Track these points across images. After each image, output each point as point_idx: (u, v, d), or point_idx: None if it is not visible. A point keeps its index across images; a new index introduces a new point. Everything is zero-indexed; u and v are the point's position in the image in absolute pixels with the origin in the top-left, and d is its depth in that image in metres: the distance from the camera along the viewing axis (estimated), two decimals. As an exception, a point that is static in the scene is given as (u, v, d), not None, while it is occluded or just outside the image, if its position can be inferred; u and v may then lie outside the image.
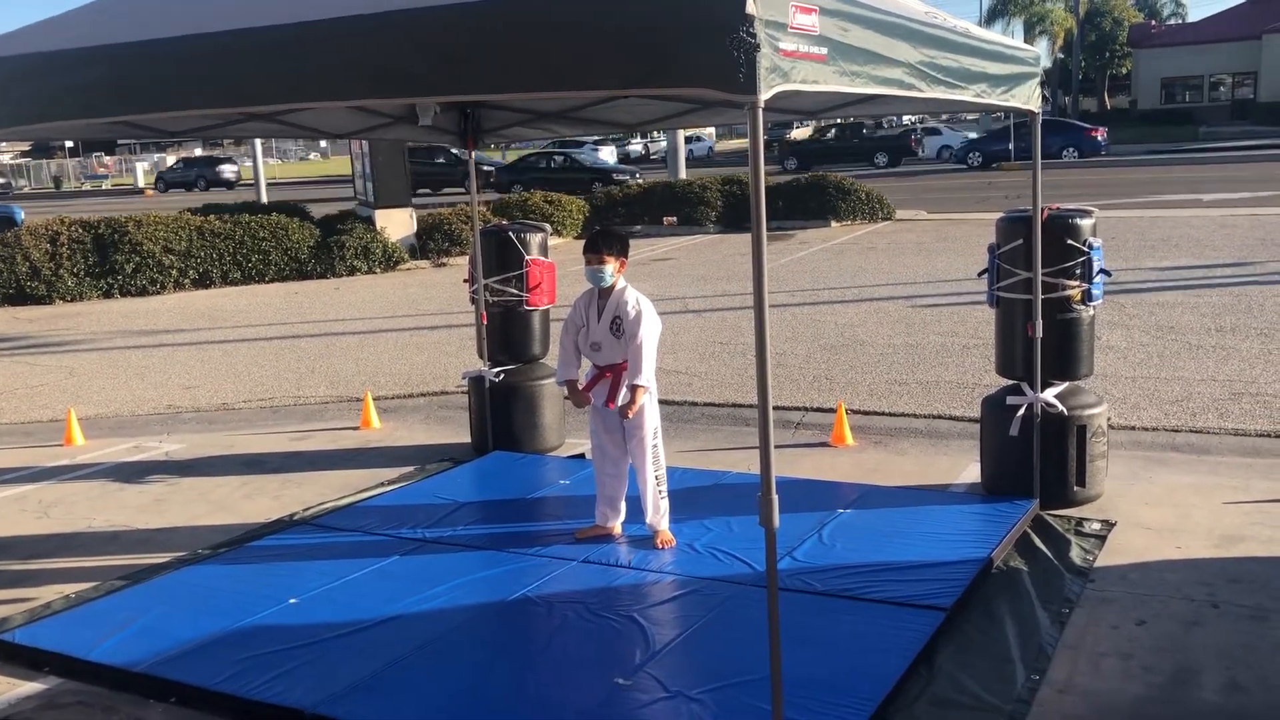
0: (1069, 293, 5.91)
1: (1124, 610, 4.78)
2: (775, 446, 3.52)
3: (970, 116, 50.04)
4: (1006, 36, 5.89)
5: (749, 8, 3.04)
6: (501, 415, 7.57)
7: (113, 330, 14.52)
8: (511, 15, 3.39)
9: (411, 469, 7.44)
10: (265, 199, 26.23)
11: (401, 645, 4.64)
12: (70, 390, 10.74)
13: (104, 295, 17.70)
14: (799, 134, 50.51)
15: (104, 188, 64.81)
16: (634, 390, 5.36)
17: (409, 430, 8.58)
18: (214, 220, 18.77)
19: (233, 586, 5.40)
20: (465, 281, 8.04)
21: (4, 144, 67.37)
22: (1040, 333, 5.90)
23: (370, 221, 19.81)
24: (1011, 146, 35.63)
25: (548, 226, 8.00)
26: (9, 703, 4.43)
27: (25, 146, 75.27)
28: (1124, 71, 65.84)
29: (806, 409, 8.41)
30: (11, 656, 4.80)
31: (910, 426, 7.88)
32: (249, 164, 37.49)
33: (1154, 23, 65.85)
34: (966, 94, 4.68)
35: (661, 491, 5.64)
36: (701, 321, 12.50)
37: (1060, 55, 63.84)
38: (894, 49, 3.92)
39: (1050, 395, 5.95)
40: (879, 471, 6.91)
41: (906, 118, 48.43)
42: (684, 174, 25.64)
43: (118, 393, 10.53)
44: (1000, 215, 6.26)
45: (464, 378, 7.93)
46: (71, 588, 5.54)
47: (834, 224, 21.88)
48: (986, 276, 6.25)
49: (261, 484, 7.33)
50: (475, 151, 7.61)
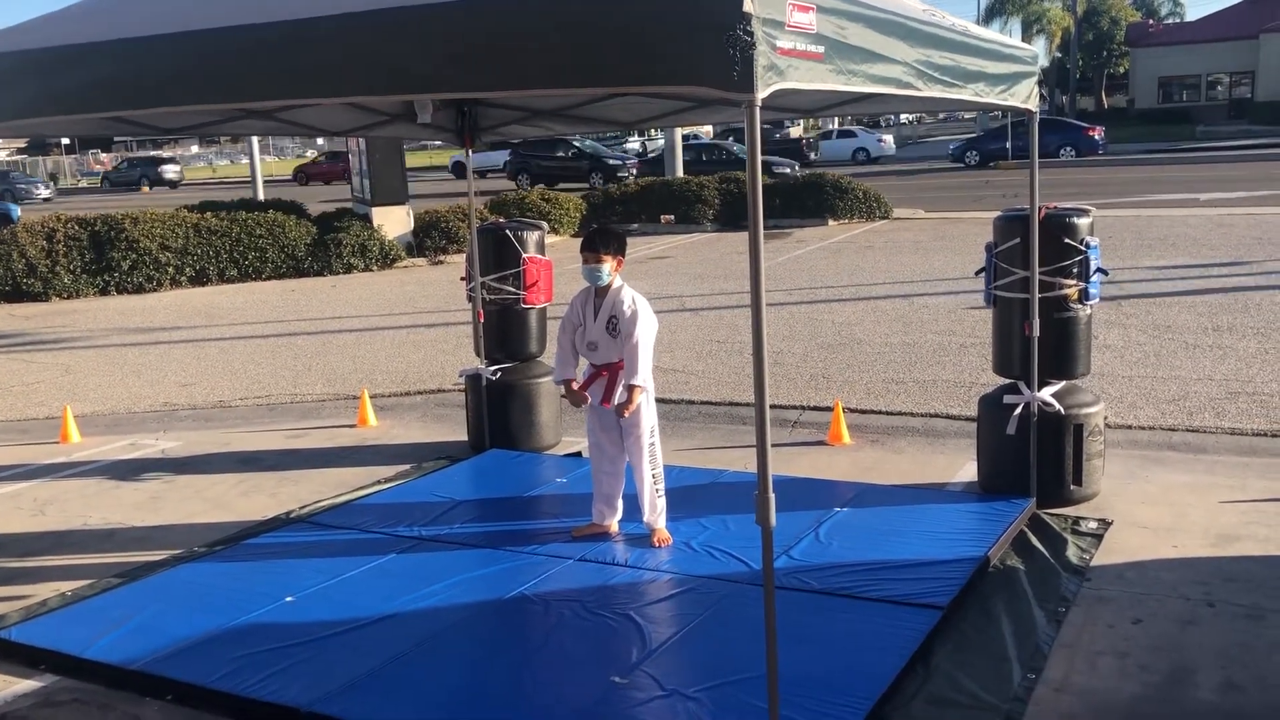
0: (1066, 292, 5.91)
1: (1120, 609, 4.78)
2: (772, 445, 3.52)
3: (968, 115, 50.08)
4: (1004, 35, 5.89)
5: (746, 6, 3.04)
6: (498, 413, 7.57)
7: (109, 327, 14.50)
8: (510, 13, 3.39)
9: (408, 467, 7.43)
10: (262, 196, 26.20)
11: (398, 643, 4.64)
12: (66, 387, 10.73)
13: (100, 292, 17.68)
14: (794, 132, 50.43)
15: (82, 185, 65.03)
16: (630, 390, 5.36)
17: (406, 428, 8.57)
18: (210, 217, 18.76)
19: (229, 584, 5.40)
20: (462, 279, 8.04)
21: (0, 140, 67.28)
22: (1037, 331, 5.90)
23: (367, 219, 19.80)
24: (1009, 145, 35.65)
25: (545, 224, 7.99)
26: (5, 700, 4.43)
27: (21, 143, 75.16)
28: (1121, 71, 65.90)
29: (803, 408, 8.41)
30: (8, 654, 4.79)
31: (907, 425, 7.89)
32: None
33: (1152, 22, 65.93)
34: (964, 93, 4.68)
35: (659, 490, 5.64)
36: (698, 320, 12.50)
37: (1058, 54, 63.88)
38: (891, 48, 3.92)
39: (1047, 394, 5.95)
40: (876, 470, 6.91)
41: (794, 131, 49.05)
42: (680, 172, 25.68)
43: (114, 390, 10.52)
44: (998, 214, 6.27)
45: (461, 376, 7.93)
46: (67, 585, 5.54)
47: (831, 222, 21.89)
48: (984, 275, 6.26)
49: (258, 482, 7.32)
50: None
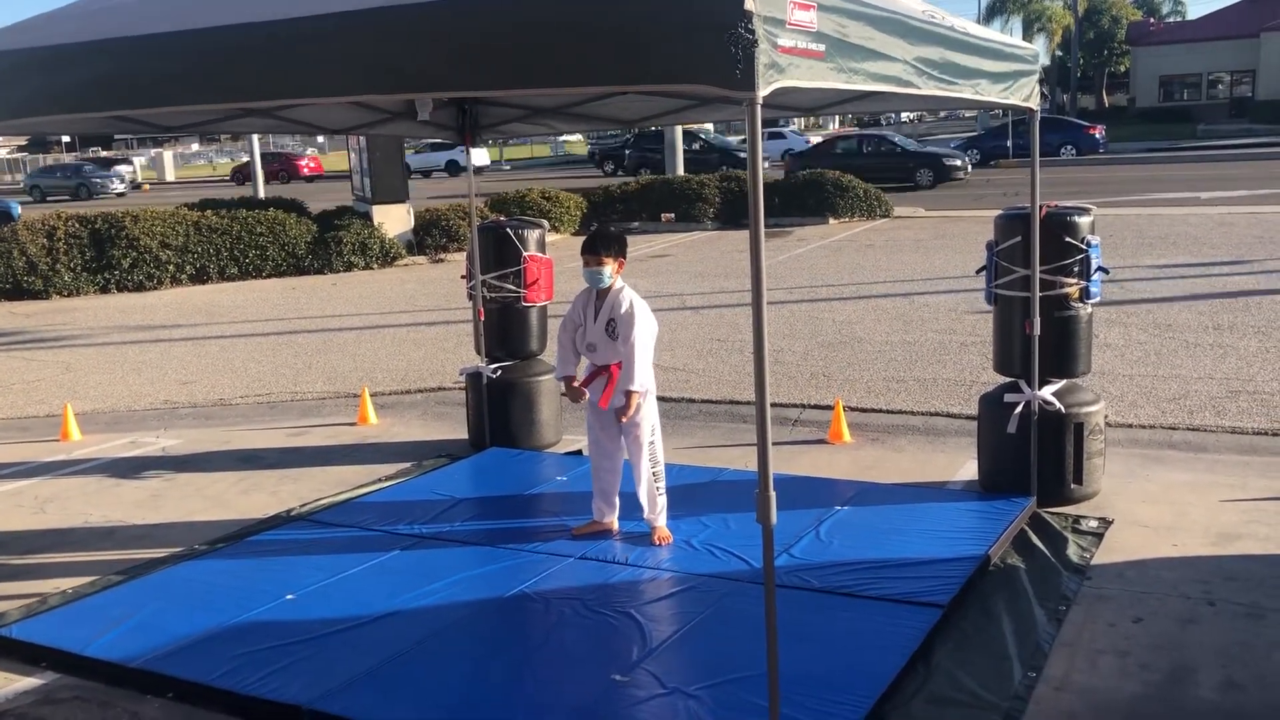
0: (1067, 290, 5.91)
1: (1121, 608, 4.78)
2: (773, 443, 3.52)
3: (969, 114, 50.04)
4: (1005, 34, 5.90)
5: (748, 4, 3.04)
6: (499, 411, 7.57)
7: (109, 325, 14.50)
8: (511, 12, 3.39)
9: (409, 465, 7.43)
10: (262, 194, 26.20)
11: (399, 641, 4.64)
12: (67, 385, 10.73)
13: (101, 290, 17.67)
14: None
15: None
16: (628, 396, 5.35)
17: (406, 426, 8.57)
18: (211, 215, 18.76)
19: (229, 582, 5.40)
20: (463, 278, 8.03)
21: (1, 138, 67.40)
22: (1038, 330, 5.90)
23: (368, 217, 19.79)
24: (1010, 144, 35.62)
25: (545, 223, 7.99)
26: (6, 698, 4.43)
27: (22, 141, 75.14)
28: (1122, 69, 65.86)
29: (804, 406, 8.41)
30: (8, 652, 4.79)
31: (908, 424, 7.88)
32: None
33: (1153, 20, 65.87)
34: (965, 91, 4.68)
35: (659, 488, 5.64)
36: (699, 318, 12.50)
37: (1059, 53, 63.84)
38: (892, 46, 3.92)
39: (1048, 393, 5.95)
40: (876, 469, 6.91)
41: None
42: (681, 170, 25.66)
43: (114, 388, 10.52)
44: (998, 213, 6.26)
45: (461, 374, 7.93)
46: (68, 583, 5.54)
47: (832, 221, 21.88)
48: (984, 274, 6.26)
49: (258, 480, 7.32)
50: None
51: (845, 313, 12.35)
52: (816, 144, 36.89)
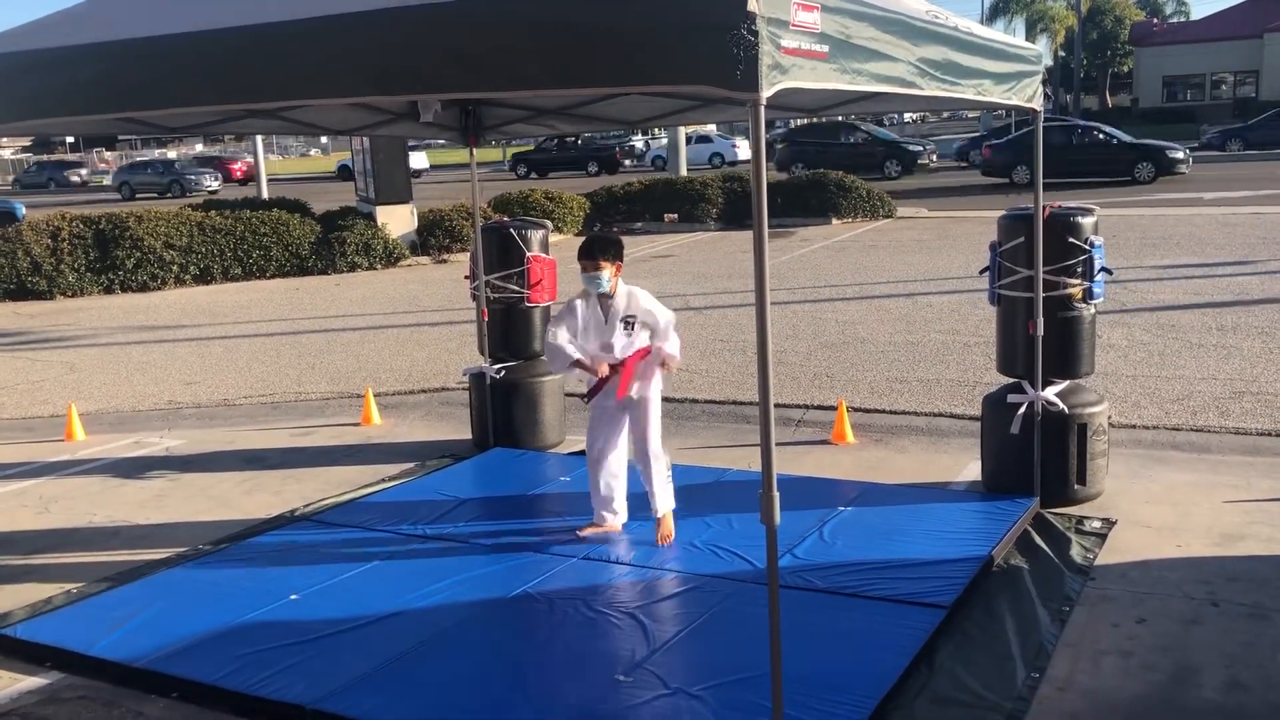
0: (1070, 291, 5.91)
1: (1124, 608, 4.78)
2: (776, 444, 3.52)
3: (971, 114, 50.00)
4: (1008, 35, 5.90)
5: (750, 5, 3.04)
6: (502, 412, 7.58)
7: (114, 326, 14.52)
8: (514, 13, 3.39)
9: (412, 465, 7.44)
10: (266, 194, 26.21)
11: (402, 641, 4.64)
12: (71, 385, 10.74)
13: (105, 291, 17.70)
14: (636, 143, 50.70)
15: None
16: (667, 359, 5.55)
17: (410, 426, 8.58)
18: (215, 216, 18.78)
19: (233, 582, 5.41)
20: (466, 278, 8.04)
21: (4, 139, 67.40)
22: (1041, 331, 5.90)
23: (371, 218, 19.81)
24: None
25: (548, 223, 8.00)
26: (10, 697, 4.44)
27: (26, 142, 75.25)
28: (1125, 70, 65.80)
29: (807, 407, 8.41)
30: (13, 652, 4.81)
31: (911, 424, 7.88)
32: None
33: (1156, 21, 65.82)
34: (968, 92, 4.68)
35: (667, 474, 5.71)
36: (702, 319, 12.50)
37: (1062, 53, 63.78)
38: (895, 47, 3.92)
39: (1051, 393, 5.95)
40: (880, 469, 6.92)
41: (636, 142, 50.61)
42: (684, 171, 25.66)
43: (119, 388, 10.53)
44: (1002, 213, 6.26)
45: (465, 374, 7.94)
46: (73, 583, 5.55)
47: (835, 221, 21.87)
48: (988, 274, 6.25)
49: (262, 480, 7.33)
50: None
51: (848, 313, 12.35)
52: (1018, 135, 31.12)
